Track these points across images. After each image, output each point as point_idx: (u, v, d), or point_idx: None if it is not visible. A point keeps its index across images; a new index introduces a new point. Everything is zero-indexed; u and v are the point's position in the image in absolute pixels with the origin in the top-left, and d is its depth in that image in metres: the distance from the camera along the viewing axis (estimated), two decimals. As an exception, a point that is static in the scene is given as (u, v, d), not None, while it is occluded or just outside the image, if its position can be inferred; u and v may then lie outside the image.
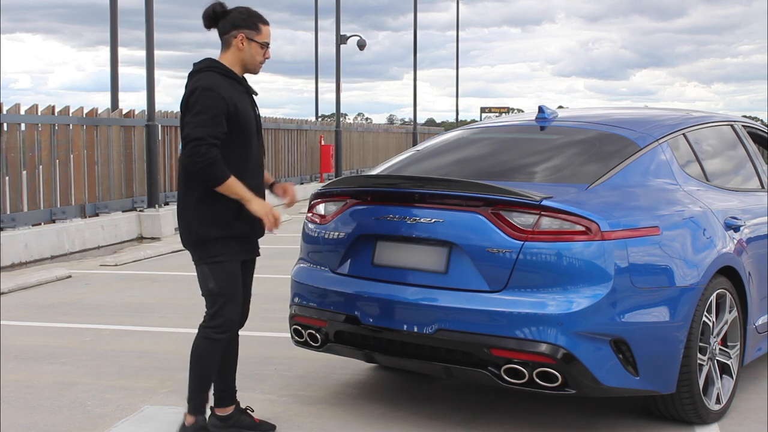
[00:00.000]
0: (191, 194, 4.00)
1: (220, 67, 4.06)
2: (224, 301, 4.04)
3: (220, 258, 4.01)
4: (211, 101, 3.90)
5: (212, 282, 4.02)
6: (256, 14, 4.13)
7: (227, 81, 4.02)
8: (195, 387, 4.08)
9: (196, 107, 3.90)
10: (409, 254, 4.26)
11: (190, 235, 4.04)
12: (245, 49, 4.09)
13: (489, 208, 4.03)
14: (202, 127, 3.86)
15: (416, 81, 34.85)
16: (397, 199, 4.33)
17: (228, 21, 4.09)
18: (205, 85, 3.93)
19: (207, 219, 3.98)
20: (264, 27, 4.13)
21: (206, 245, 4.01)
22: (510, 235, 3.95)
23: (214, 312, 4.05)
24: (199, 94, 3.91)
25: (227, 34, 4.09)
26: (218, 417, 4.25)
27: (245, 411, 4.31)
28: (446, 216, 4.14)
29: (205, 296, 4.08)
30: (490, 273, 3.99)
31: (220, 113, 3.90)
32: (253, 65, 4.14)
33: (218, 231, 3.99)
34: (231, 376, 4.28)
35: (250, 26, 4.09)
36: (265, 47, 4.14)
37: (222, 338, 4.06)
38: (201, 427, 4.08)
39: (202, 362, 4.06)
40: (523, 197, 3.96)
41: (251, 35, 4.09)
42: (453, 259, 4.11)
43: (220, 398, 4.26)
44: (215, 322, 4.05)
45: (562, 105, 45.21)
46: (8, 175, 10.30)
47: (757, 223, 4.91)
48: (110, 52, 15.27)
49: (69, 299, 7.90)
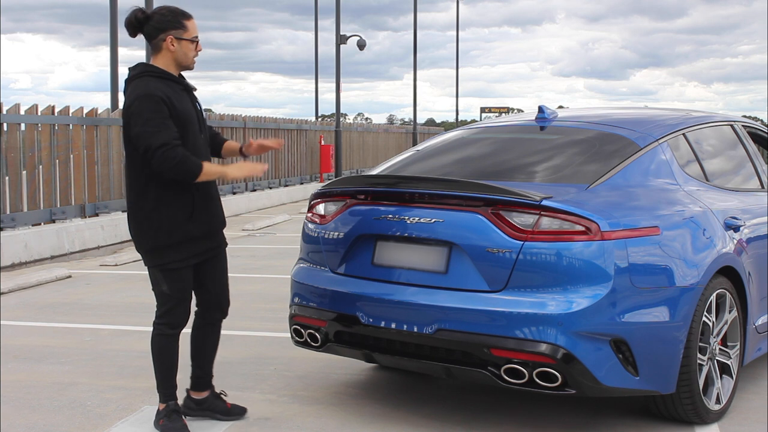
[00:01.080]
0: (144, 201, 4.10)
1: (154, 70, 4.11)
2: (175, 303, 4.22)
3: (173, 264, 4.15)
4: (154, 105, 3.98)
5: (165, 285, 4.19)
6: (178, 12, 4.17)
7: (164, 83, 4.08)
8: (161, 378, 4.30)
9: (144, 115, 3.97)
10: (409, 254, 4.26)
11: (144, 241, 4.16)
12: (176, 49, 4.14)
13: (489, 208, 4.03)
14: (158, 132, 3.95)
15: (416, 81, 34.88)
16: (397, 198, 4.33)
17: (152, 26, 4.12)
18: (142, 93, 4.00)
19: (161, 226, 4.09)
20: (188, 22, 4.16)
21: (160, 252, 4.13)
22: (510, 235, 3.95)
23: (165, 311, 4.24)
24: (140, 103, 3.99)
25: (155, 38, 4.13)
26: (193, 400, 4.47)
27: (219, 396, 4.50)
28: (446, 216, 4.14)
29: (156, 295, 4.25)
30: (490, 273, 3.99)
31: (165, 115, 3.99)
32: (187, 62, 4.19)
33: (172, 237, 4.11)
34: (208, 363, 4.47)
35: (176, 26, 4.12)
36: (195, 41, 4.18)
37: (174, 333, 4.27)
38: (173, 410, 4.27)
39: (162, 356, 4.28)
40: (523, 197, 3.96)
41: (179, 34, 4.12)
42: (453, 259, 4.11)
43: (196, 384, 4.48)
44: (166, 320, 4.25)
45: (562, 105, 45.23)
46: (8, 175, 10.30)
47: (757, 223, 4.91)
48: (110, 52, 15.28)
49: (69, 299, 7.90)
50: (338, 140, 23.70)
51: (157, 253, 4.13)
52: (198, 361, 4.45)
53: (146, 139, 3.95)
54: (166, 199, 4.07)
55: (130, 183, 4.14)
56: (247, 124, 17.71)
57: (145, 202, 4.09)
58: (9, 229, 10.15)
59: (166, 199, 4.07)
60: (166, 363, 4.27)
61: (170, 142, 3.94)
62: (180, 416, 4.26)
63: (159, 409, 4.30)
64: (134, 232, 4.20)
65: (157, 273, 4.18)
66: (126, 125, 4.05)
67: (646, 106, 6.92)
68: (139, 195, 4.10)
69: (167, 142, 3.94)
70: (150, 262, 4.19)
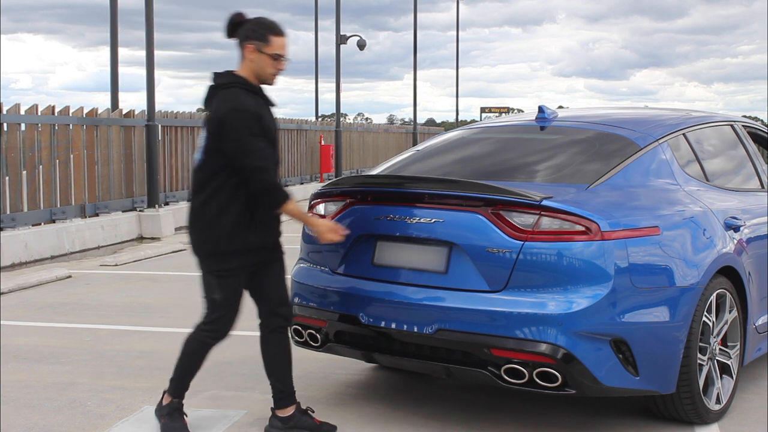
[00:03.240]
0: (209, 207, 4.03)
1: (242, 82, 4.06)
2: (226, 312, 4.13)
3: (229, 272, 4.08)
4: (249, 122, 3.95)
5: (218, 293, 4.10)
6: (267, 25, 4.11)
7: (252, 97, 4.04)
8: (180, 374, 4.25)
9: (239, 131, 3.93)
10: (409, 254, 4.26)
11: (204, 245, 4.08)
12: (255, 60, 4.08)
13: (489, 208, 4.03)
14: (254, 152, 3.93)
15: (416, 81, 34.87)
16: (397, 198, 4.33)
17: (241, 32, 4.10)
18: (238, 107, 3.95)
19: (224, 233, 4.02)
20: (275, 38, 4.09)
21: (219, 258, 4.06)
22: (510, 235, 3.95)
23: (213, 319, 4.15)
24: (235, 117, 3.94)
25: (240, 45, 4.11)
26: (279, 419, 4.27)
27: (306, 412, 4.31)
28: (446, 216, 4.14)
29: (206, 303, 4.15)
30: (490, 273, 3.99)
31: (258, 133, 3.97)
32: (265, 76, 4.12)
33: (233, 244, 4.04)
34: (287, 376, 4.29)
35: (259, 38, 4.07)
36: (277, 58, 4.10)
37: (214, 344, 4.20)
38: (176, 408, 4.23)
39: (191, 357, 4.23)
40: (523, 197, 3.96)
41: (260, 47, 4.07)
42: (453, 259, 4.11)
43: (280, 399, 4.28)
44: (212, 328, 4.16)
45: (562, 105, 45.24)
46: (8, 175, 10.30)
47: (757, 223, 4.91)
48: (110, 52, 15.27)
49: (69, 299, 7.90)
50: (338, 140, 23.69)
51: (216, 258, 4.06)
52: (276, 375, 4.26)
53: (242, 157, 3.93)
54: (230, 207, 4.01)
55: (198, 188, 4.07)
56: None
57: (209, 208, 4.02)
58: (9, 229, 10.15)
59: (231, 208, 4.01)
60: (193, 365, 4.23)
61: (263, 165, 3.95)
62: (182, 415, 4.23)
63: (163, 401, 4.26)
64: (195, 236, 4.11)
65: (211, 279, 4.09)
66: (214, 135, 3.99)
67: (646, 106, 6.92)
68: (205, 200, 4.03)
69: (261, 164, 3.94)
70: (206, 267, 4.11)
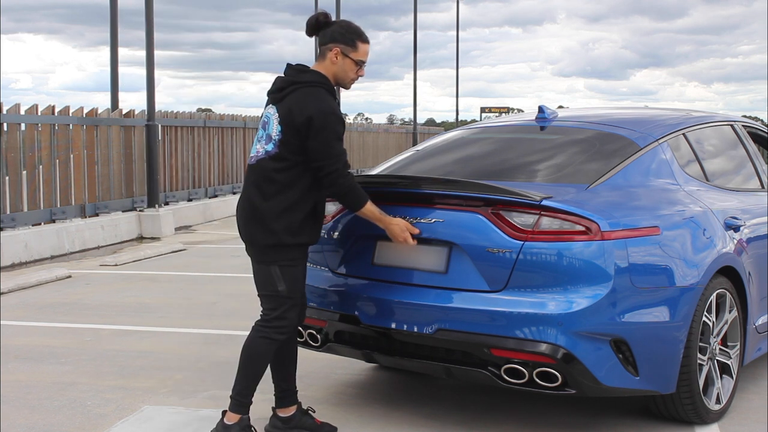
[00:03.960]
0: (279, 199, 3.99)
1: (327, 84, 4.05)
2: (291, 305, 4.07)
3: (295, 262, 4.05)
4: (337, 127, 3.97)
5: (282, 285, 4.04)
6: (356, 31, 4.10)
7: (334, 100, 4.05)
8: (246, 385, 4.06)
9: (324, 133, 3.93)
10: (409, 254, 4.26)
11: (269, 237, 4.00)
12: (339, 63, 4.06)
13: (489, 208, 4.03)
14: (334, 156, 3.95)
15: (416, 81, 34.84)
16: (397, 198, 4.33)
17: (327, 33, 4.08)
18: (329, 110, 3.96)
19: (290, 226, 3.99)
20: (362, 45, 4.09)
21: (285, 249, 4.02)
22: (510, 235, 3.95)
23: (279, 314, 4.06)
24: (326, 119, 3.93)
25: (324, 45, 4.09)
26: (280, 418, 4.26)
27: (307, 412, 4.30)
28: (446, 216, 4.14)
29: (267, 296, 4.08)
30: (490, 273, 3.99)
31: (342, 137, 4.01)
32: (344, 81, 4.11)
33: (298, 238, 4.02)
34: (292, 376, 4.28)
35: (347, 42, 4.06)
36: (360, 65, 4.11)
37: (281, 339, 4.09)
38: (246, 426, 4.06)
39: (257, 361, 4.07)
40: (523, 197, 3.96)
41: (347, 51, 4.06)
42: (453, 259, 4.11)
43: (282, 399, 4.26)
44: (279, 323, 4.06)
45: (562, 105, 45.20)
46: (8, 175, 10.30)
47: (757, 223, 4.91)
48: (110, 52, 15.26)
49: (69, 299, 7.90)
50: (338, 140, 23.63)
51: (282, 249, 4.02)
52: (282, 374, 4.24)
53: (325, 159, 3.93)
54: (303, 203, 4.00)
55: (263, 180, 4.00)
56: (248, 124, 17.70)
57: (279, 201, 3.97)
58: (9, 229, 10.15)
59: (303, 204, 4.00)
60: (258, 370, 4.07)
61: (341, 169, 3.97)
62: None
63: (226, 421, 4.04)
64: (256, 228, 4.02)
65: (276, 270, 4.02)
66: (296, 131, 3.95)
67: (646, 106, 6.92)
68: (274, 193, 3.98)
69: (339, 168, 3.96)
70: (270, 257, 4.03)
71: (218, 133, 16.43)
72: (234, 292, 8.08)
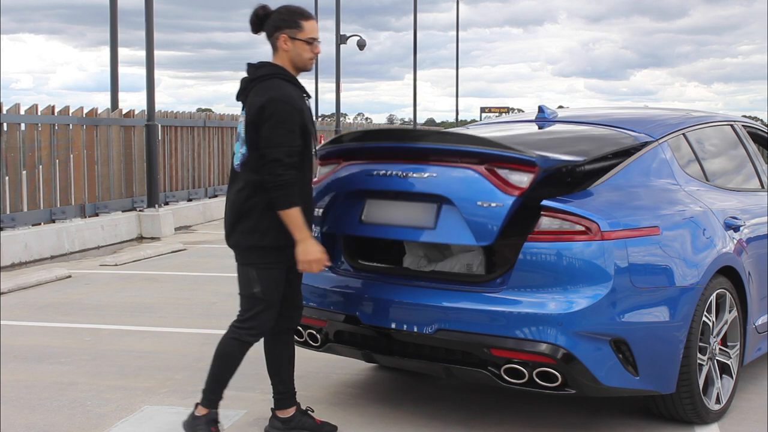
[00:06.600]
0: (256, 200, 3.94)
1: (284, 73, 4.00)
2: (265, 307, 4.04)
3: (271, 265, 4.01)
4: (288, 115, 3.86)
5: (258, 287, 4.02)
6: (296, 11, 4.04)
7: (294, 89, 3.98)
8: (214, 383, 4.08)
9: (272, 120, 3.85)
10: (398, 211, 4.24)
11: (248, 237, 3.99)
12: (290, 48, 4.01)
13: (484, 164, 4.01)
14: (279, 146, 3.84)
15: (416, 81, 34.87)
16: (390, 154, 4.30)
17: (270, 23, 4.04)
18: (279, 97, 3.88)
19: (270, 226, 3.95)
20: (306, 22, 4.02)
21: (262, 251, 3.99)
22: (502, 190, 3.93)
23: (251, 315, 4.05)
24: (276, 107, 3.86)
25: (271, 36, 4.05)
26: (280, 419, 4.25)
27: (306, 412, 4.29)
28: (439, 171, 4.11)
29: (244, 297, 4.08)
30: (478, 227, 3.95)
31: (295, 128, 3.88)
32: (303, 63, 4.05)
33: (277, 239, 3.97)
34: (290, 378, 4.27)
35: (290, 25, 4.01)
36: (312, 42, 4.04)
37: (253, 341, 4.08)
38: (212, 420, 4.08)
39: (227, 361, 4.07)
40: (518, 152, 3.95)
41: (293, 34, 4.00)
42: (442, 215, 4.08)
43: (281, 400, 4.26)
44: (250, 324, 4.05)
45: (563, 105, 45.18)
46: (8, 175, 10.29)
47: (757, 223, 4.91)
48: (110, 52, 15.25)
49: (69, 299, 7.90)
50: (338, 140, 23.63)
51: (259, 251, 3.99)
52: (278, 377, 4.23)
53: (268, 147, 3.85)
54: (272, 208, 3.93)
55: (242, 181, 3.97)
56: (247, 124, 17.71)
57: (257, 202, 3.93)
58: (9, 229, 10.15)
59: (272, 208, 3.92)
60: (228, 369, 4.07)
61: (284, 159, 3.84)
62: (218, 428, 4.11)
63: (196, 413, 4.08)
64: (237, 229, 4.00)
65: (251, 272, 4.01)
66: (252, 125, 3.91)
67: (646, 106, 6.92)
68: (251, 194, 3.94)
69: (281, 158, 3.83)
70: (247, 259, 4.02)
71: (218, 133, 16.44)
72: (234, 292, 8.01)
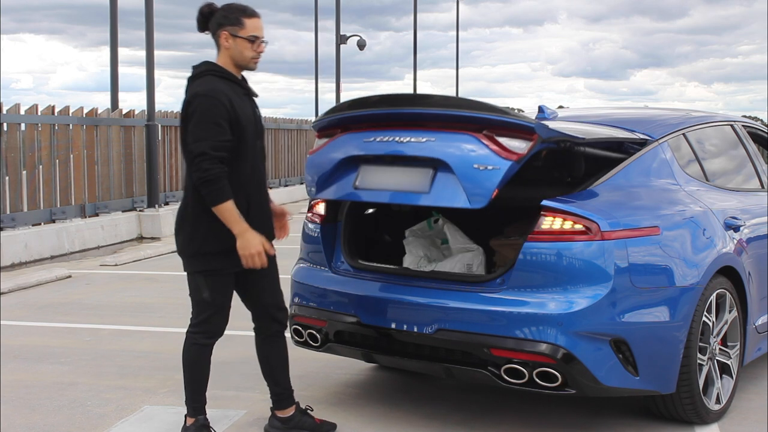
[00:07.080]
0: (195, 205, 3.90)
1: (218, 70, 3.94)
2: (214, 312, 4.02)
3: (217, 271, 3.96)
4: (213, 108, 3.79)
5: (206, 292, 3.98)
6: (238, 8, 3.98)
7: (227, 84, 3.91)
8: (191, 391, 4.09)
9: (196, 116, 3.80)
10: (393, 176, 4.21)
11: (189, 245, 3.96)
12: (231, 46, 3.94)
13: (483, 129, 3.97)
14: (204, 140, 3.76)
15: (416, 81, 34.86)
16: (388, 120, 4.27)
17: (213, 21, 3.99)
18: (203, 92, 3.82)
19: (210, 231, 3.89)
20: (248, 20, 3.95)
21: (205, 257, 3.94)
22: (499, 154, 3.89)
23: (202, 319, 4.03)
24: (199, 102, 3.81)
25: (214, 34, 4.00)
26: (279, 419, 4.25)
27: (305, 411, 4.29)
28: (437, 135, 4.07)
29: (194, 302, 4.05)
30: (473, 189, 3.90)
31: (222, 121, 3.80)
32: (245, 61, 3.98)
33: (219, 244, 3.90)
34: (284, 378, 4.25)
35: (231, 22, 3.94)
36: (254, 40, 3.96)
37: (210, 343, 4.07)
38: (202, 425, 4.08)
39: (194, 367, 4.07)
40: (518, 118, 3.93)
41: (234, 31, 3.94)
42: (437, 179, 4.02)
43: (279, 401, 4.25)
44: (204, 328, 4.04)
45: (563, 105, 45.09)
46: (8, 175, 10.30)
47: (757, 223, 4.90)
48: (110, 52, 15.24)
49: (69, 299, 7.90)
50: (338, 140, 23.61)
51: (202, 258, 3.94)
52: (273, 378, 4.22)
53: (192, 142, 3.79)
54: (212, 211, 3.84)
55: (187, 184, 3.94)
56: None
57: (196, 206, 3.89)
58: (9, 229, 10.15)
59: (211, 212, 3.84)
60: (198, 375, 4.06)
61: (210, 153, 3.74)
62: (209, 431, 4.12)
63: (187, 424, 4.10)
64: (180, 235, 3.99)
65: (199, 279, 3.96)
66: (183, 123, 3.88)
67: (646, 106, 6.93)
68: (195, 197, 3.89)
69: (207, 151, 3.74)
70: (192, 267, 3.98)
71: (218, 133, 16.39)
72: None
